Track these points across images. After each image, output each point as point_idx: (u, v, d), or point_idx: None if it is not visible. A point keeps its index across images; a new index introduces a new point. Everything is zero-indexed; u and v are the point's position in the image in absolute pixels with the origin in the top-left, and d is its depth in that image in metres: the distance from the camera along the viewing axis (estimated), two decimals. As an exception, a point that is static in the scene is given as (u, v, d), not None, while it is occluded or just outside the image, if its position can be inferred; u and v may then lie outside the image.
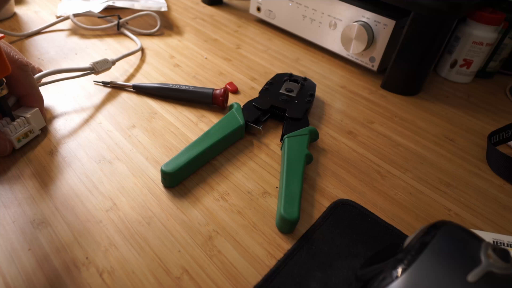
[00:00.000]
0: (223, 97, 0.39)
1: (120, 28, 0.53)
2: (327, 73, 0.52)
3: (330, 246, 0.27)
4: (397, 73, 0.48)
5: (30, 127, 0.32)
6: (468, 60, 0.52)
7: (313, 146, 0.37)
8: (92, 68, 0.40)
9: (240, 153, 0.35)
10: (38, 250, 0.24)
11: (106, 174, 0.31)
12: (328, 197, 0.32)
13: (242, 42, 0.57)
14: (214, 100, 0.39)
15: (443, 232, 0.21)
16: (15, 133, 0.31)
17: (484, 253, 0.19)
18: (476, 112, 0.47)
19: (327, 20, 0.52)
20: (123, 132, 0.36)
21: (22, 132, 0.31)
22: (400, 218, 0.30)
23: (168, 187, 0.30)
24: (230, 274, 0.25)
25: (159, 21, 0.56)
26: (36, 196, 0.28)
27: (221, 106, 0.40)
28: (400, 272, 0.19)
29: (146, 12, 0.56)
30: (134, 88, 0.42)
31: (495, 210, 0.32)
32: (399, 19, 0.46)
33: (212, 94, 0.39)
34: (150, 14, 0.56)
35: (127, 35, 0.53)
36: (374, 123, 0.42)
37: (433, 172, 0.36)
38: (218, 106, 0.40)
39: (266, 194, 0.31)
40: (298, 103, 0.40)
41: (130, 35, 0.53)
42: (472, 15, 0.49)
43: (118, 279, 0.23)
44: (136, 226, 0.27)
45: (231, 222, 0.28)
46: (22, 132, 0.31)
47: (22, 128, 0.31)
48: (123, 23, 0.54)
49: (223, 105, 0.40)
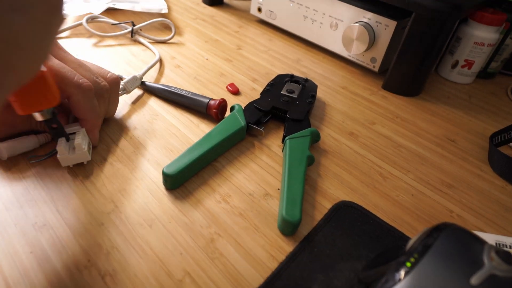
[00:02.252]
0: (217, 109, 0.37)
1: (134, 35, 0.53)
2: (328, 74, 0.51)
3: (332, 248, 0.27)
4: (398, 74, 0.48)
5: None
6: (470, 61, 0.52)
7: (314, 148, 0.37)
8: (124, 89, 0.39)
9: (241, 154, 0.35)
10: (40, 253, 0.24)
11: (107, 176, 0.31)
12: (330, 198, 0.32)
13: (243, 42, 0.57)
14: (208, 111, 0.38)
15: (446, 234, 0.20)
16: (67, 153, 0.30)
17: (487, 256, 0.19)
18: (478, 112, 0.47)
19: (328, 21, 0.52)
20: (124, 134, 0.36)
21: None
22: (402, 220, 0.30)
23: (170, 189, 0.30)
24: (232, 277, 0.25)
25: (173, 28, 0.54)
26: (37, 199, 0.28)
27: (214, 118, 0.39)
28: (403, 274, 0.19)
29: (161, 19, 0.55)
30: (142, 85, 0.42)
31: (497, 212, 0.32)
32: (400, 20, 0.45)
33: (207, 104, 0.38)
34: (164, 21, 0.55)
35: (143, 43, 0.52)
36: (376, 124, 0.42)
37: (434, 173, 0.36)
38: (212, 117, 0.39)
39: (268, 196, 0.31)
40: (299, 104, 0.39)
41: (146, 43, 0.52)
42: (474, 16, 0.49)
43: (120, 282, 0.23)
44: (137, 229, 0.27)
45: (232, 224, 0.28)
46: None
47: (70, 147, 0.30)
48: (137, 30, 0.53)
49: (216, 117, 0.38)
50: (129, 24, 0.53)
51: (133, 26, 0.52)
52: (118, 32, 0.52)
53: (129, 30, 0.52)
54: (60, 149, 0.29)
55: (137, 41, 0.53)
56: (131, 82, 0.40)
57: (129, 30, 0.52)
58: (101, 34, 0.51)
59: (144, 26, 0.54)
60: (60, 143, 0.29)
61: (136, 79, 0.41)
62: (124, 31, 0.52)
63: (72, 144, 0.30)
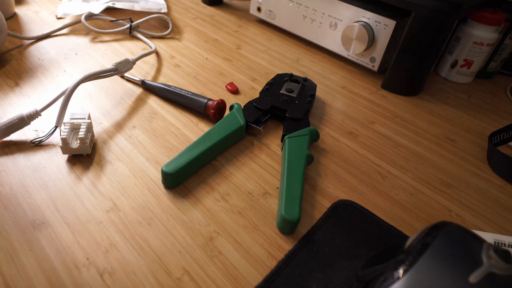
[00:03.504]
0: (215, 110, 0.37)
1: (132, 32, 0.53)
2: (327, 74, 0.52)
3: (331, 247, 0.27)
4: (398, 73, 0.48)
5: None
6: (469, 61, 0.52)
7: (313, 147, 0.37)
8: (116, 69, 0.39)
9: (240, 153, 0.35)
10: (38, 251, 0.24)
11: (106, 174, 0.31)
12: (329, 197, 0.32)
13: (242, 42, 0.57)
14: (206, 111, 0.38)
15: (445, 233, 0.20)
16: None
17: (486, 254, 0.19)
18: (477, 112, 0.47)
19: (328, 21, 0.52)
20: (124, 133, 0.36)
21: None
22: (401, 219, 0.30)
23: (169, 187, 0.30)
24: (231, 275, 0.25)
25: (170, 24, 0.55)
26: (36, 197, 0.28)
27: (212, 119, 0.38)
28: (402, 273, 0.19)
29: (158, 15, 0.56)
30: (142, 84, 0.42)
31: (496, 211, 0.32)
32: (399, 20, 0.46)
33: (205, 104, 0.38)
34: (161, 17, 0.56)
35: (140, 38, 0.53)
36: (375, 123, 0.42)
37: (433, 173, 0.36)
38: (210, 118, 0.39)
39: (267, 194, 0.31)
40: (298, 103, 0.39)
41: (143, 38, 0.52)
42: (473, 16, 0.49)
43: (118, 280, 0.23)
44: (136, 227, 0.27)
45: (231, 223, 0.28)
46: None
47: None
48: (135, 26, 0.53)
49: (214, 118, 0.38)
50: (127, 21, 0.53)
51: (131, 23, 0.52)
52: (117, 28, 0.52)
53: (127, 27, 0.52)
54: (64, 139, 0.30)
55: (135, 37, 0.53)
56: (123, 63, 0.41)
57: (128, 27, 0.52)
58: (100, 31, 0.51)
59: (142, 24, 0.54)
60: (64, 132, 0.30)
61: (129, 62, 0.42)
62: (122, 27, 0.53)
63: (77, 135, 0.31)
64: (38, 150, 0.32)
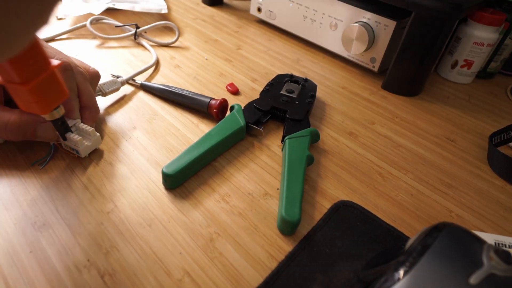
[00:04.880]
0: (218, 109, 0.37)
1: (138, 38, 0.52)
2: (327, 74, 0.52)
3: (331, 248, 0.27)
4: (398, 73, 0.48)
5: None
6: (469, 61, 0.52)
7: (314, 147, 0.37)
8: (99, 90, 0.38)
9: (241, 154, 0.35)
10: (39, 252, 0.24)
11: (107, 175, 0.31)
12: (329, 198, 0.32)
13: (242, 42, 0.57)
14: (209, 110, 0.38)
15: (445, 234, 0.20)
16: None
17: (486, 255, 0.19)
18: (477, 112, 0.47)
19: (328, 21, 0.52)
20: (124, 134, 0.36)
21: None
22: (402, 220, 0.30)
23: (169, 188, 0.30)
24: (232, 276, 0.25)
25: (177, 32, 0.53)
26: (37, 198, 0.28)
27: (215, 118, 0.39)
28: (402, 274, 0.19)
29: (165, 22, 0.54)
30: (142, 86, 0.42)
31: (496, 212, 0.32)
32: (400, 20, 0.46)
33: (208, 104, 0.38)
34: (168, 24, 0.54)
35: (144, 45, 0.51)
36: (375, 124, 0.42)
37: (434, 173, 0.36)
38: (212, 117, 0.39)
39: (267, 195, 0.31)
40: (299, 104, 0.39)
41: (147, 46, 0.51)
42: (473, 16, 0.49)
43: (119, 281, 0.23)
44: (137, 228, 0.27)
45: (232, 224, 0.28)
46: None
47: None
48: (140, 33, 0.52)
49: (217, 117, 0.38)
50: (133, 27, 0.52)
51: (136, 29, 0.52)
52: (122, 34, 0.52)
53: (132, 33, 0.52)
54: (80, 140, 0.30)
55: (140, 44, 0.52)
56: (108, 84, 0.39)
57: (133, 33, 0.51)
58: (105, 37, 0.51)
59: (148, 29, 0.53)
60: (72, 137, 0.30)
61: (116, 82, 0.40)
62: (127, 33, 0.52)
63: (83, 133, 0.32)
64: (37, 151, 0.32)
